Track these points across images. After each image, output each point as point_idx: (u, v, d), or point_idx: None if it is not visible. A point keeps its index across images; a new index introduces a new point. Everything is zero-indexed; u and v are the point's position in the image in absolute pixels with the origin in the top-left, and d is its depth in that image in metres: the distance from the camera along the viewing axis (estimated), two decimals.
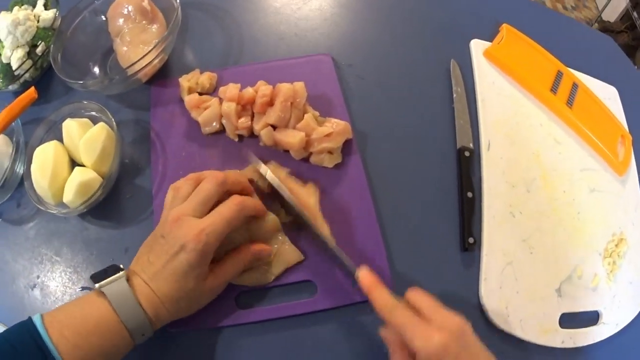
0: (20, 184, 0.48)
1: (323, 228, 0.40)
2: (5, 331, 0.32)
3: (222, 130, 0.46)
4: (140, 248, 0.37)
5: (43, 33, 0.51)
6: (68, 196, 0.42)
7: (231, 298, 0.39)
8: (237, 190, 0.38)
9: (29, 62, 0.50)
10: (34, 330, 0.30)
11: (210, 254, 0.34)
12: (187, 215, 0.34)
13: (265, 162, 0.42)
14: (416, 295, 0.34)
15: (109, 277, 0.33)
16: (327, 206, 0.43)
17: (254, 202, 0.38)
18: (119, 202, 0.46)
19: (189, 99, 0.45)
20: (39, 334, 0.30)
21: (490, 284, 0.43)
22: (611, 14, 1.92)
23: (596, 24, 1.92)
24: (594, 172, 0.52)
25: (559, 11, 1.97)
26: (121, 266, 0.34)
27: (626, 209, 0.51)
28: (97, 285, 0.33)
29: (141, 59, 0.43)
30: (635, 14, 1.69)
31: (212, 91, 0.49)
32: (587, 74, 0.58)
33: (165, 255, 0.34)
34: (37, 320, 0.31)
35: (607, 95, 0.58)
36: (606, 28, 1.80)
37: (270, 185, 0.40)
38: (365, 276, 0.35)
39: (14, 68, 0.50)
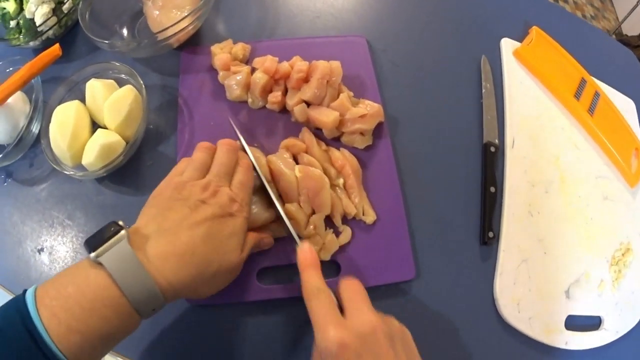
0: (34, 144, 0.46)
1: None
2: None
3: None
4: (145, 209, 0.33)
5: None
6: (89, 158, 0.41)
7: (253, 274, 0.39)
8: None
9: (54, 19, 0.49)
10: (24, 308, 0.25)
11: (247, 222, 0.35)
12: (221, 186, 0.34)
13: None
14: (344, 286, 0.31)
15: (106, 240, 0.28)
16: None
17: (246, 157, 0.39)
18: (139, 169, 0.45)
19: (221, 58, 0.44)
20: (29, 314, 0.25)
21: (505, 279, 0.43)
22: (630, 28, 1.95)
23: (613, 36, 1.94)
24: (607, 181, 0.53)
25: None
26: (120, 223, 0.29)
27: (634, 220, 0.52)
28: (92, 254, 0.27)
29: (175, 24, 0.42)
30: None
31: (245, 63, 0.48)
32: (607, 84, 0.59)
33: (206, 213, 0.32)
34: (29, 296, 0.26)
35: (625, 107, 0.59)
36: (623, 41, 1.83)
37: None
38: (304, 252, 0.32)
39: (37, 24, 0.48)
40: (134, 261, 0.27)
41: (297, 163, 0.41)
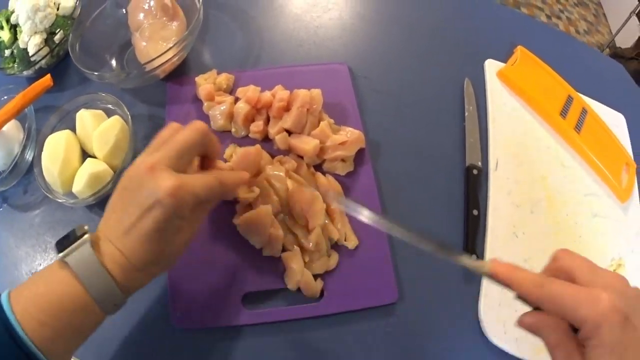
0: (28, 171, 0.48)
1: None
2: None
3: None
4: (107, 206, 0.32)
5: (62, 21, 0.51)
6: (78, 186, 0.43)
7: (238, 298, 0.40)
8: (212, 155, 0.36)
9: (46, 49, 0.50)
10: (0, 308, 0.28)
11: (185, 213, 0.30)
12: (162, 165, 0.30)
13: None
14: (567, 258, 0.28)
15: (72, 243, 0.29)
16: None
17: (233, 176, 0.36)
18: None
19: (205, 88, 0.45)
20: (3, 311, 0.28)
21: (490, 301, 0.43)
22: (624, 41, 1.93)
23: (607, 49, 1.93)
24: (597, 198, 0.53)
25: (572, 35, 1.99)
26: (86, 227, 0.30)
27: (627, 235, 0.52)
28: (59, 255, 0.29)
29: (161, 55, 0.44)
30: None
31: (229, 92, 0.49)
32: (596, 100, 0.59)
33: (137, 210, 0.29)
34: (4, 296, 0.29)
35: (615, 121, 0.59)
36: (617, 54, 1.82)
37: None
38: (498, 265, 0.29)
39: (30, 54, 0.50)
40: (95, 262, 0.29)
41: None
